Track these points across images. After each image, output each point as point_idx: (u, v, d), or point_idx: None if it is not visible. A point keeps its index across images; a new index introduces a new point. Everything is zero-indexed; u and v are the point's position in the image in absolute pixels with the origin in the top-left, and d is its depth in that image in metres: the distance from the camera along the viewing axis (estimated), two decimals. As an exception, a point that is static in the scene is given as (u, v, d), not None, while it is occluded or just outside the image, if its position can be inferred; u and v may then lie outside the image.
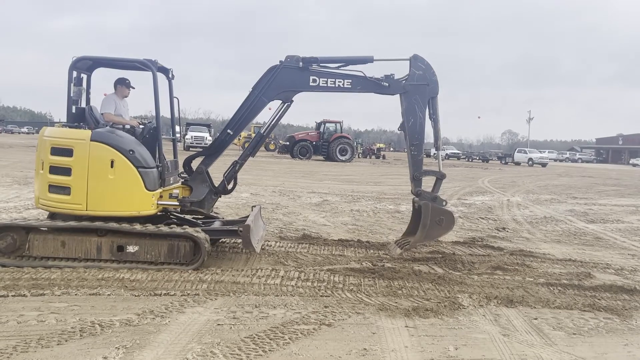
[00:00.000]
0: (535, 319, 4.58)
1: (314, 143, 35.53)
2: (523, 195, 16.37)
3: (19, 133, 72.25)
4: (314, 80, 6.28)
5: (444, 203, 6.54)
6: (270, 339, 3.83)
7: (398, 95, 6.47)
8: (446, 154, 58.14)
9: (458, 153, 61.19)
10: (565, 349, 3.94)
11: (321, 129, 36.33)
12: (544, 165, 47.01)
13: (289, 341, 3.81)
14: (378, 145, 58.21)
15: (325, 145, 35.04)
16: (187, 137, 38.88)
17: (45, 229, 5.70)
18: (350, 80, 6.34)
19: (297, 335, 3.93)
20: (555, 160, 71.35)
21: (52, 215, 6.01)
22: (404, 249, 6.18)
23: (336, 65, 6.39)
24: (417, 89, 6.35)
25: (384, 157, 46.92)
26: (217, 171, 6.85)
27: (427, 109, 6.46)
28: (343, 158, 34.24)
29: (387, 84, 6.33)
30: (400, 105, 6.55)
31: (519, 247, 7.87)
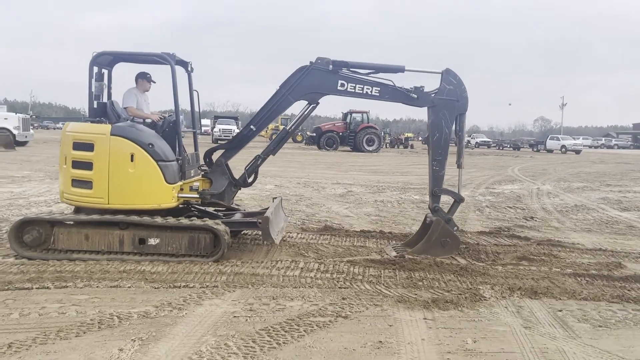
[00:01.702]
0: (560, 310, 4.44)
1: (341, 134, 35.39)
2: (554, 183, 15.96)
3: (54, 129, 74.20)
4: (342, 85, 6.21)
5: (455, 228, 6.40)
6: (285, 331, 3.81)
7: (426, 108, 6.35)
8: (476, 142, 57.25)
9: (488, 141, 60.09)
10: (589, 342, 3.80)
11: (348, 120, 36.16)
12: (577, 152, 45.82)
13: (303, 333, 3.78)
14: (406, 134, 57.67)
15: (352, 135, 34.88)
16: (215, 129, 39.38)
17: (71, 222, 5.81)
18: (378, 89, 6.24)
19: (312, 327, 3.90)
20: (589, 147, 69.46)
21: (78, 209, 6.11)
22: (399, 255, 6.09)
23: (366, 71, 6.30)
24: (446, 104, 6.21)
25: (411, 146, 46.46)
26: (242, 163, 6.83)
27: (453, 125, 6.31)
28: (370, 148, 34.03)
29: (415, 96, 6.21)
30: (427, 117, 6.43)
31: (547, 236, 7.67)
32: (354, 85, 6.22)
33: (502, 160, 29.49)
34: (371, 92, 6.24)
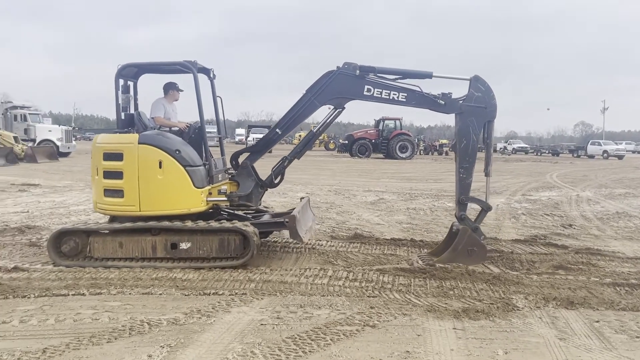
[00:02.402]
0: (597, 321, 4.28)
1: (373, 141, 35.32)
2: (594, 189, 15.45)
3: (96, 140, 76.05)
4: (369, 90, 6.19)
5: (483, 237, 6.25)
6: (312, 340, 3.79)
7: (453, 114, 6.27)
8: (513, 149, 56.20)
9: (526, 147, 58.80)
10: (625, 353, 3.64)
11: (380, 127, 36.05)
12: (620, 157, 44.31)
13: (330, 342, 3.76)
14: (441, 141, 56.91)
15: (384, 142, 34.76)
16: (249, 138, 39.96)
17: (106, 231, 5.96)
18: (405, 94, 6.19)
19: (339, 336, 3.88)
20: (633, 152, 66.98)
21: (113, 218, 6.27)
22: (426, 264, 5.99)
23: (393, 77, 6.27)
24: (474, 111, 6.11)
25: (446, 153, 45.84)
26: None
27: (481, 132, 6.20)
28: (403, 155, 33.80)
29: (443, 102, 6.13)
30: (454, 124, 6.35)
31: (585, 244, 7.41)
32: (381, 90, 6.19)
33: (540, 167, 28.78)
34: (398, 97, 6.19)
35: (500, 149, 56.63)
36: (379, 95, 6.20)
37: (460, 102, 6.15)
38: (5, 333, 3.88)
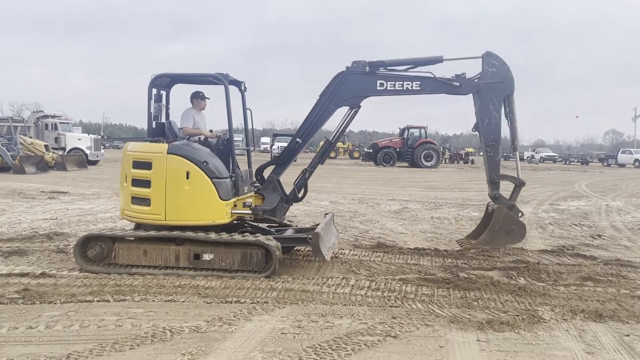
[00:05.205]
0: (627, 335, 4.15)
1: (398, 149, 35.19)
2: (625, 199, 15.06)
3: (124, 148, 77.31)
4: (382, 84, 6.15)
5: (520, 214, 6.09)
6: (332, 350, 3.77)
7: (471, 95, 6.18)
8: (540, 157, 55.24)
9: (554, 156, 57.69)
10: (658, 370, 3.52)
11: (405, 135, 35.90)
12: (653, 166, 43.10)
13: (350, 352, 3.73)
14: (467, 149, 56.25)
15: (409, 151, 34.61)
16: (274, 147, 40.27)
17: (131, 238, 6.04)
18: (419, 82, 6.14)
19: (360, 346, 3.84)
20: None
21: (138, 226, 6.35)
22: (464, 248, 5.86)
23: (404, 67, 6.22)
24: (491, 87, 6.02)
25: (472, 161, 45.30)
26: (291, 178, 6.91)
27: (502, 108, 6.10)
28: (428, 164, 33.56)
29: (458, 84, 6.06)
30: (473, 105, 6.25)
31: (615, 256, 7.21)
32: (394, 82, 6.15)
33: (569, 176, 28.20)
34: (412, 87, 6.14)
35: (528, 157, 55.71)
36: (393, 88, 6.15)
37: (476, 80, 6.06)
38: (31, 338, 3.95)
